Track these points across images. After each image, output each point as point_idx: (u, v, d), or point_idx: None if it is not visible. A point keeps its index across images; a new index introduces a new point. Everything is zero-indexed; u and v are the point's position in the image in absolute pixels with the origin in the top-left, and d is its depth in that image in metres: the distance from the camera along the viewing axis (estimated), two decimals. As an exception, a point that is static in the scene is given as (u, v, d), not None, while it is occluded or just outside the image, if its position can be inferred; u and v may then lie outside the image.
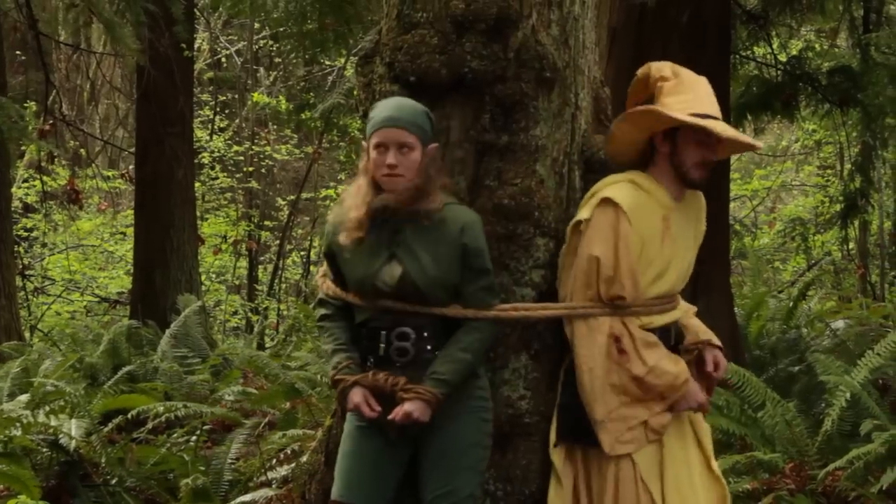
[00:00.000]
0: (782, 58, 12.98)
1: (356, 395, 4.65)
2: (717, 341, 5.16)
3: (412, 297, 4.67)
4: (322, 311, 4.96)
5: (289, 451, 7.81)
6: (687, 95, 4.95)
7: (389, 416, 4.57)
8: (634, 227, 4.81)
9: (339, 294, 4.87)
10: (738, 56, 12.63)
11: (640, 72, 5.18)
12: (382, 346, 4.71)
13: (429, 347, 4.70)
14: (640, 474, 4.85)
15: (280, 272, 24.15)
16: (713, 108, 4.92)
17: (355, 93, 5.68)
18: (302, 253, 25.94)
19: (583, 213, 4.91)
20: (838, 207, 14.38)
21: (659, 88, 5.01)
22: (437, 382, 4.59)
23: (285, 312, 22.68)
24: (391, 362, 4.70)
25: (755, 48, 13.27)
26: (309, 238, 25.15)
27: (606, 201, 4.83)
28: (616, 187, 4.89)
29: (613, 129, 5.03)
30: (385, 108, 4.72)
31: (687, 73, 5.06)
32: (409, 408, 4.55)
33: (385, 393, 4.63)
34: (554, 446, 5.00)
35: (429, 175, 4.70)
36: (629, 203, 4.82)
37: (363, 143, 4.78)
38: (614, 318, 4.82)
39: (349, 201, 4.74)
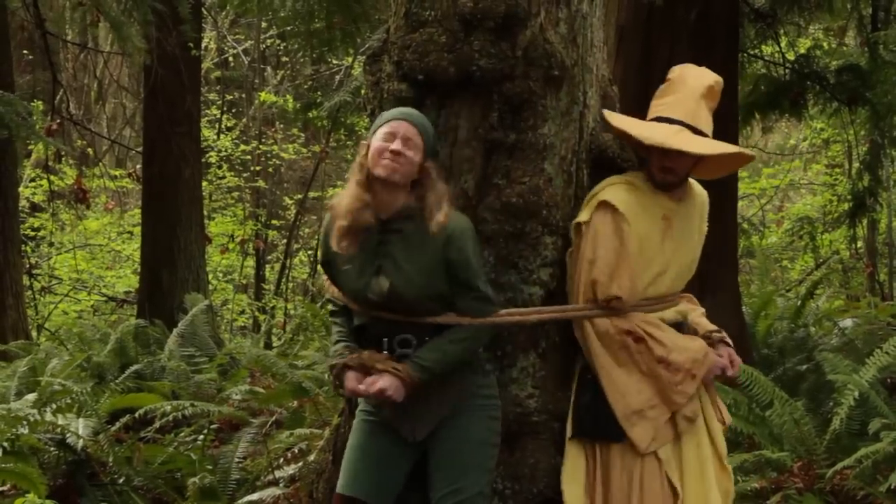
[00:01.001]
0: (790, 56, 12.98)
1: (350, 381, 4.64)
2: (728, 339, 5.16)
3: (402, 309, 4.66)
4: (330, 307, 4.99)
5: (296, 450, 7.81)
6: (667, 98, 5.01)
7: (360, 386, 4.59)
8: (633, 227, 4.85)
9: (340, 298, 4.89)
10: (746, 54, 12.61)
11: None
12: (385, 352, 4.70)
13: None
14: (665, 471, 4.85)
15: (287, 271, 24.16)
16: (687, 112, 4.97)
17: (363, 91, 5.68)
18: (309, 252, 25.93)
19: (582, 216, 4.99)
20: (846, 206, 14.37)
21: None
22: (417, 367, 4.59)
23: (292, 311, 22.68)
24: None
25: (763, 47, 13.25)
26: (316, 237, 25.14)
27: (604, 204, 4.89)
28: (612, 189, 4.96)
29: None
30: (397, 108, 4.76)
31: (683, 74, 5.10)
32: (382, 384, 4.55)
33: (371, 373, 4.63)
34: (570, 438, 4.99)
35: (428, 185, 4.69)
36: (625, 205, 4.87)
37: (362, 142, 4.76)
38: (613, 318, 4.82)
39: (344, 205, 4.69)
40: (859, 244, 20.15)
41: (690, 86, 5.02)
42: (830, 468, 7.04)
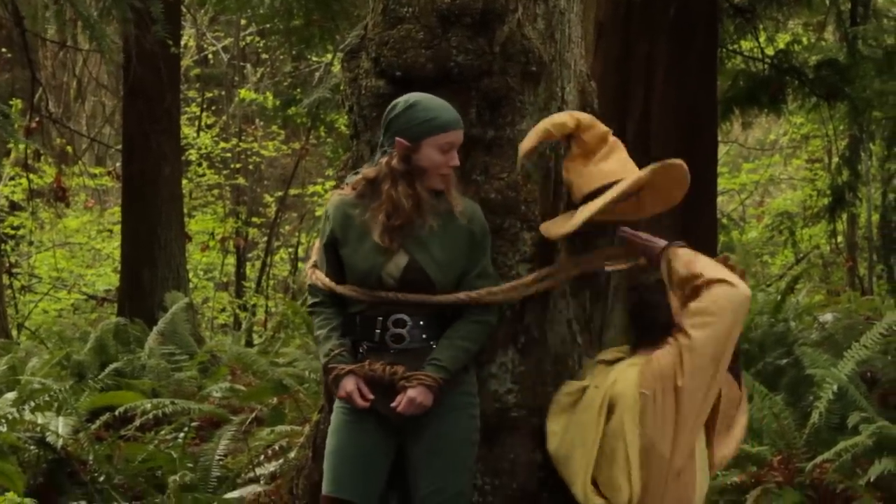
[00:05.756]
0: (769, 51, 13.00)
1: (349, 383, 4.63)
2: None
3: (417, 286, 4.65)
4: (314, 298, 4.92)
5: (277, 448, 7.82)
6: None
7: (392, 405, 4.58)
8: None
9: (330, 286, 4.82)
10: (725, 50, 12.64)
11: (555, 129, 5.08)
12: (378, 331, 4.70)
13: (424, 336, 4.69)
14: None
15: (268, 269, 24.13)
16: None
17: (342, 88, 5.67)
18: (290, 249, 25.92)
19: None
20: (826, 201, 14.41)
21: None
22: (438, 368, 4.60)
23: (273, 309, 22.67)
24: (386, 349, 4.68)
25: (742, 42, 13.28)
26: (297, 234, 25.15)
27: None
28: None
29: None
30: (443, 107, 4.72)
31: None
32: (413, 393, 4.56)
33: (382, 383, 4.63)
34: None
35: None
36: None
37: (401, 141, 4.65)
38: None
39: (407, 207, 4.64)
40: (839, 239, 20.20)
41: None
42: (810, 462, 7.06)
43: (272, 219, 24.18)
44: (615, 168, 4.97)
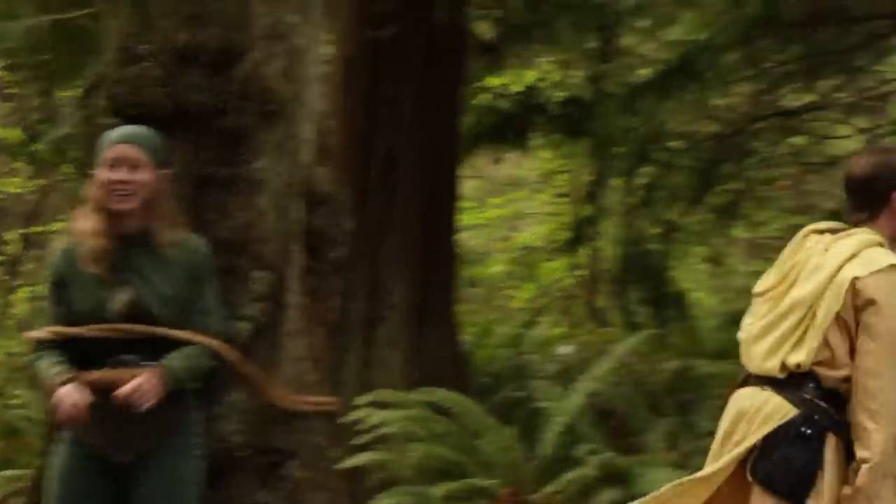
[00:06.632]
0: (517, 88, 13.24)
1: (68, 390, 4.41)
2: None
3: (141, 321, 4.51)
4: (37, 350, 4.68)
5: (4, 495, 7.60)
6: None
7: (116, 392, 4.35)
8: None
9: (58, 332, 4.62)
10: (473, 87, 12.81)
11: None
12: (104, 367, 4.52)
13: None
14: None
15: (9, 308, 23.46)
16: None
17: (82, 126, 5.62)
18: (32, 289, 25.20)
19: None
20: (569, 235, 14.74)
21: None
22: (164, 367, 4.45)
23: (14, 350, 22.02)
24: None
25: (490, 79, 13.49)
26: (40, 273, 24.51)
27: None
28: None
29: None
30: (119, 129, 4.61)
31: None
32: (140, 378, 4.36)
33: (109, 389, 4.40)
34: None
35: (161, 196, 4.59)
36: None
37: (90, 172, 4.59)
38: None
39: (83, 228, 4.53)
40: (581, 272, 20.66)
41: None
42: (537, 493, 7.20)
43: (13, 257, 23.51)
44: None
